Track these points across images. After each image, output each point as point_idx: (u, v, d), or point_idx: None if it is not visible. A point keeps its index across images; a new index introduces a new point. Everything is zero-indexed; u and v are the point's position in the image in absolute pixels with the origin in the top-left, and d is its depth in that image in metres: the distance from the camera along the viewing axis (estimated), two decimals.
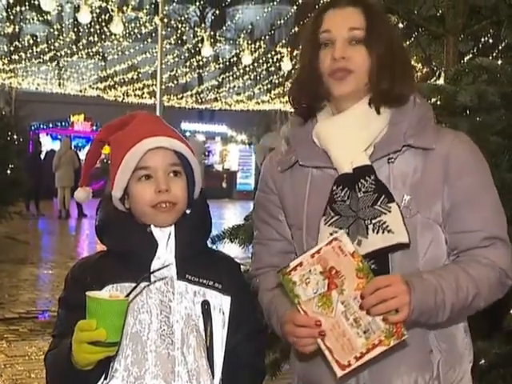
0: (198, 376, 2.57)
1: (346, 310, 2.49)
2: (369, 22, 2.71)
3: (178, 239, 2.63)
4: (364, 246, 2.62)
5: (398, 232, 2.62)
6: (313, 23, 2.80)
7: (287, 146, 2.88)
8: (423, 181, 2.69)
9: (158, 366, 2.54)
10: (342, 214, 2.66)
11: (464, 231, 2.71)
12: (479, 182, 2.77)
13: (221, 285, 2.67)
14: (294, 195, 2.81)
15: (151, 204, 2.59)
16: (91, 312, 2.31)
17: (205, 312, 2.62)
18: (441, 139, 2.73)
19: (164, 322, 2.57)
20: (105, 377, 2.53)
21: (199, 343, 2.59)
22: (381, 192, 2.64)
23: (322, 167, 2.75)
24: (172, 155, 2.62)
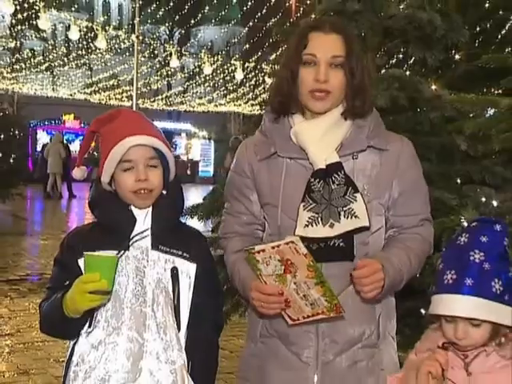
0: (165, 329, 2.56)
1: (297, 288, 2.56)
2: (348, 50, 2.73)
3: (153, 216, 2.62)
4: (336, 228, 2.67)
5: (363, 217, 2.69)
6: (298, 42, 2.76)
7: (263, 138, 2.85)
8: (378, 174, 2.77)
9: (133, 319, 2.53)
10: (318, 201, 2.68)
11: (407, 214, 2.82)
12: (419, 175, 2.90)
13: (188, 254, 2.65)
14: (269, 180, 2.80)
15: (132, 190, 2.58)
16: (92, 267, 2.38)
17: (173, 276, 2.60)
18: (391, 142, 2.82)
19: (138, 284, 2.55)
20: (89, 325, 2.53)
21: (167, 302, 2.58)
22: (349, 185, 2.70)
23: (297, 158, 2.75)
24: (150, 150, 2.60)
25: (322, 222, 2.66)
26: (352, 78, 2.73)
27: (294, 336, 2.73)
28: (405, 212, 2.82)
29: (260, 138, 2.88)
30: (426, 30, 4.62)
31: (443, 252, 2.51)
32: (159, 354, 2.53)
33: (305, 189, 2.71)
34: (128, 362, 2.50)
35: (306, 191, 2.70)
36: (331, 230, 2.66)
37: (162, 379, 2.53)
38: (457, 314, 2.34)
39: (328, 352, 2.72)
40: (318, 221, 2.67)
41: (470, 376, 2.35)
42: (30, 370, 6.50)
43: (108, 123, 2.66)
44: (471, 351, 2.37)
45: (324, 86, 2.70)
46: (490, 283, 2.33)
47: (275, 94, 2.84)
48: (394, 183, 2.80)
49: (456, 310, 2.34)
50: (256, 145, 2.87)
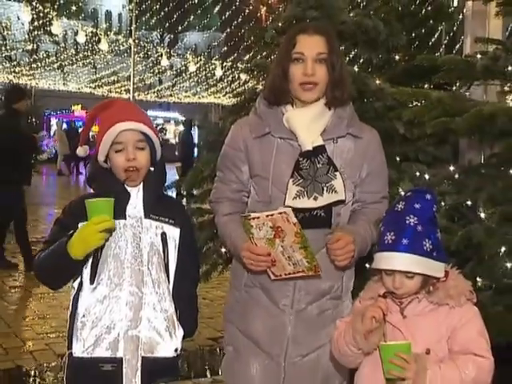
0: (159, 283, 2.55)
1: (283, 250, 2.58)
2: (329, 48, 2.73)
3: (144, 190, 2.59)
4: (319, 200, 2.68)
5: (341, 192, 2.71)
6: (288, 43, 2.77)
7: (258, 120, 2.82)
8: (352, 158, 2.78)
9: (132, 277, 2.51)
10: (305, 177, 2.68)
11: (371, 192, 2.86)
12: (383, 160, 2.93)
13: (174, 221, 2.63)
14: (261, 156, 2.77)
15: (123, 168, 2.55)
16: (96, 211, 2.39)
17: (163, 240, 2.59)
18: (364, 131, 2.85)
19: (136, 248, 2.54)
20: (92, 282, 2.50)
21: (159, 262, 2.57)
22: (331, 164, 2.70)
23: (287, 139, 2.74)
24: (138, 134, 2.56)
25: (308, 195, 2.67)
26: (333, 71, 2.73)
27: (275, 287, 2.73)
28: (369, 190, 2.85)
29: (255, 120, 2.84)
30: (371, 35, 4.61)
31: (384, 217, 2.51)
32: (155, 304, 2.53)
33: (294, 166, 2.70)
34: (130, 312, 2.49)
35: (295, 168, 2.69)
36: (315, 202, 2.67)
37: (158, 325, 2.53)
38: (395, 268, 2.35)
39: (301, 301, 2.75)
40: (304, 194, 2.67)
41: (405, 318, 2.37)
42: (46, 315, 6.50)
43: (104, 110, 2.62)
44: (406, 298, 2.38)
45: (312, 79, 2.70)
46: (422, 242, 2.34)
47: (270, 89, 2.81)
48: (363, 166, 2.81)
49: (394, 264, 2.35)
50: (251, 124, 2.83)
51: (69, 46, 39.28)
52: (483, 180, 3.64)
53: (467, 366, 2.26)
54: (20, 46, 36.21)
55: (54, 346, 5.54)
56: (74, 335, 2.51)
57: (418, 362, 2.25)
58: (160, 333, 2.53)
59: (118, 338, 2.48)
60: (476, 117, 3.48)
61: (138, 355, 2.49)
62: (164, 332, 2.54)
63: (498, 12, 4.26)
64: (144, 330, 2.50)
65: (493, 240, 3.18)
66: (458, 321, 2.32)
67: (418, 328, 2.33)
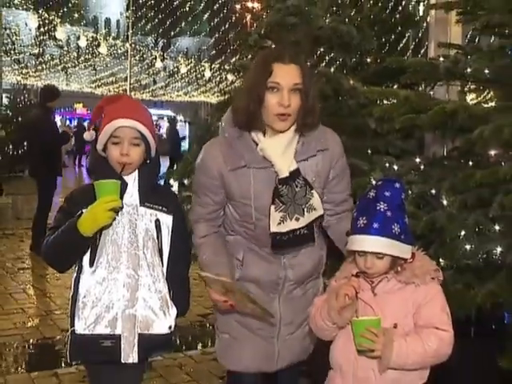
0: (153, 267, 2.52)
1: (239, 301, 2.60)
2: (304, 77, 2.54)
3: (140, 180, 2.55)
4: (301, 221, 2.60)
5: (319, 208, 2.64)
6: (263, 71, 2.53)
7: (230, 150, 2.61)
8: (321, 168, 2.68)
9: (129, 260, 2.48)
10: (285, 202, 2.57)
11: (339, 192, 2.78)
12: (345, 161, 2.80)
13: (166, 208, 2.59)
14: (239, 185, 2.62)
15: (117, 161, 2.51)
16: (105, 191, 2.38)
17: (157, 226, 2.55)
18: (328, 139, 2.70)
19: (132, 233, 2.50)
20: (91, 265, 2.47)
21: (154, 246, 2.54)
22: (307, 185, 2.60)
23: (262, 168, 2.59)
24: (134, 131, 2.50)
25: (290, 217, 2.58)
26: (306, 100, 2.55)
27: (264, 281, 2.71)
28: (337, 190, 2.77)
29: (227, 149, 2.62)
30: (345, 39, 4.62)
31: (357, 204, 2.50)
32: (150, 286, 2.50)
33: (273, 194, 2.57)
34: (127, 292, 2.47)
35: (275, 195, 2.57)
36: (297, 222, 2.59)
37: (153, 305, 2.50)
38: (367, 250, 2.34)
39: (289, 288, 2.75)
40: (286, 218, 2.58)
41: (375, 296, 2.36)
42: (51, 294, 6.47)
43: (111, 103, 2.57)
44: (376, 278, 2.37)
45: (287, 110, 2.51)
46: (391, 226, 2.32)
47: (242, 113, 2.57)
48: (330, 171, 2.72)
49: (366, 246, 2.33)
50: (224, 155, 2.61)
51: (71, 50, 39.07)
52: (445, 171, 3.64)
53: (430, 338, 2.26)
54: (27, 50, 36.00)
55: (59, 321, 5.50)
56: (75, 314, 2.49)
57: (386, 336, 2.25)
58: (155, 311, 2.51)
59: (117, 316, 2.46)
60: (439, 114, 3.48)
61: (135, 332, 2.47)
62: (159, 311, 2.52)
63: (458, 20, 4.30)
64: (140, 309, 2.48)
65: (454, 225, 3.19)
66: (423, 298, 2.31)
67: (387, 304, 2.32)
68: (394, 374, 2.29)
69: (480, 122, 3.41)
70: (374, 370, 2.30)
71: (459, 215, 3.25)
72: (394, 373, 2.28)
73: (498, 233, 3.13)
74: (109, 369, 2.50)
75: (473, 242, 3.10)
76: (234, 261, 2.74)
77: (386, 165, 3.80)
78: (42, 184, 8.35)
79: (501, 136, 3.22)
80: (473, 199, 3.29)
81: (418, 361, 2.27)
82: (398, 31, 8.00)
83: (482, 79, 3.80)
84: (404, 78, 4.10)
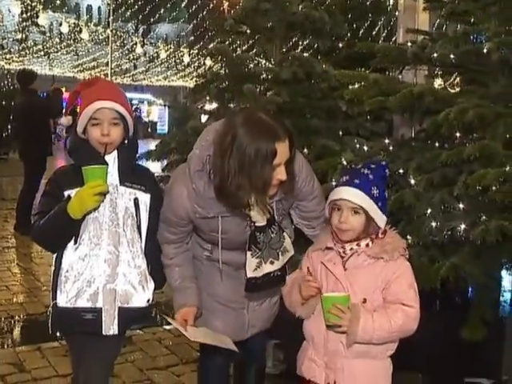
0: (133, 243, 2.52)
1: None
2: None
3: (119, 160, 2.53)
4: (276, 264, 2.54)
5: (290, 249, 2.60)
6: (270, 151, 2.28)
7: (200, 201, 2.47)
8: (289, 199, 2.62)
9: (110, 237, 2.48)
10: (261, 248, 2.50)
11: (312, 210, 2.74)
12: (313, 179, 2.71)
13: (144, 187, 2.58)
14: (207, 226, 2.54)
15: (98, 141, 2.49)
16: (92, 176, 2.38)
17: (136, 205, 2.55)
18: None
19: (112, 212, 2.50)
20: (75, 242, 2.47)
21: (133, 224, 2.53)
22: (280, 230, 2.54)
23: (233, 216, 2.48)
24: (113, 112, 2.49)
25: (264, 261, 2.52)
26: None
27: (233, 262, 2.65)
28: (309, 209, 2.73)
29: (195, 198, 2.48)
30: (317, 25, 4.60)
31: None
32: (130, 261, 2.51)
33: (249, 240, 2.49)
34: (108, 268, 2.47)
35: (252, 242, 2.49)
36: (272, 266, 2.54)
37: (132, 279, 2.52)
38: (344, 197, 2.33)
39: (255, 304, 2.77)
40: (261, 263, 2.52)
41: (346, 271, 2.36)
42: (35, 272, 6.43)
43: (87, 87, 2.55)
44: (347, 253, 2.37)
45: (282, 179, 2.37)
46: (371, 187, 2.33)
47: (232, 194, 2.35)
48: (298, 195, 2.65)
49: (345, 194, 2.33)
50: (193, 205, 2.49)
51: (54, 36, 38.58)
52: (413, 152, 3.66)
53: (396, 314, 2.27)
54: (11, 36, 35.51)
55: (43, 298, 5.46)
56: (57, 288, 2.50)
57: (353, 312, 2.26)
58: (134, 286, 2.52)
59: (98, 290, 2.47)
60: (406, 96, 3.50)
61: (115, 306, 2.49)
62: (138, 285, 2.53)
63: (425, 7, 4.32)
64: (120, 284, 2.49)
65: (420, 203, 3.21)
66: (391, 274, 2.32)
67: (356, 280, 2.33)
68: (362, 347, 2.31)
69: (446, 105, 3.43)
70: (342, 342, 2.32)
71: (426, 194, 3.27)
72: (362, 346, 2.31)
73: (462, 210, 3.16)
74: (90, 341, 2.51)
75: (438, 220, 3.13)
76: (202, 252, 2.70)
77: (357, 146, 3.81)
78: (32, 167, 8.30)
79: (465, 118, 3.24)
80: (439, 178, 3.31)
81: (383, 336, 2.29)
82: (371, 18, 8.01)
83: (448, 64, 3.82)
84: (374, 62, 4.11)
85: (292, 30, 4.78)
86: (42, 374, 4.00)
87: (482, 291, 3.09)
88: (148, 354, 4.37)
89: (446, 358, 3.33)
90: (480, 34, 3.92)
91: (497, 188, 2.97)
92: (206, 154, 2.44)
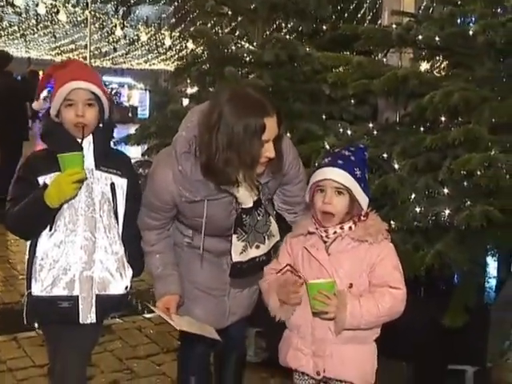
0: (109, 229, 2.50)
1: None
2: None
3: (95, 144, 2.50)
4: (261, 248, 2.54)
5: (276, 234, 2.60)
6: (258, 126, 2.25)
7: (186, 183, 2.43)
8: (275, 179, 2.59)
9: (86, 223, 2.46)
10: (247, 231, 2.49)
11: (296, 195, 2.72)
12: (298, 164, 2.71)
13: (121, 172, 2.56)
14: (191, 211, 2.50)
15: (72, 123, 2.45)
16: (69, 164, 2.35)
17: (112, 189, 2.52)
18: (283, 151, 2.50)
19: (88, 197, 2.47)
20: (50, 229, 2.44)
21: (110, 209, 2.51)
22: (266, 213, 2.54)
23: (220, 198, 2.46)
24: (88, 93, 2.45)
25: (250, 245, 2.52)
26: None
27: (214, 249, 2.65)
28: (293, 194, 2.73)
29: (181, 181, 2.44)
30: (300, 6, 4.59)
31: None
32: (107, 248, 2.49)
33: (235, 224, 2.48)
34: (85, 255, 2.45)
35: (238, 225, 2.48)
36: (257, 250, 2.53)
37: (109, 266, 2.50)
38: (328, 177, 2.32)
39: None
40: (247, 247, 2.52)
41: (329, 256, 2.35)
42: (11, 260, 6.38)
43: (60, 69, 2.52)
44: (330, 237, 2.36)
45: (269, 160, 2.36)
46: (353, 168, 2.33)
47: (218, 172, 2.33)
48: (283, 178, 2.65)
49: (329, 174, 2.32)
50: (179, 188, 2.45)
51: (30, 17, 38.11)
52: (397, 136, 3.68)
53: (383, 298, 2.28)
54: None
55: (19, 287, 5.40)
56: (32, 277, 2.47)
57: (339, 298, 2.26)
58: (111, 273, 2.51)
59: (74, 278, 2.44)
60: (391, 79, 3.50)
61: (93, 293, 2.47)
62: (115, 272, 2.51)
63: None
64: (97, 271, 2.47)
65: (404, 188, 3.22)
66: (376, 256, 2.33)
67: (341, 265, 2.33)
68: (350, 333, 2.31)
69: (431, 89, 3.43)
70: (331, 329, 2.32)
71: (410, 179, 3.29)
72: (350, 331, 2.31)
73: (447, 196, 3.18)
74: (66, 330, 2.49)
75: (422, 205, 3.14)
76: (183, 239, 2.68)
77: (340, 130, 3.81)
78: (8, 151, 8.26)
79: (450, 101, 3.24)
80: (423, 163, 3.33)
81: (372, 320, 2.30)
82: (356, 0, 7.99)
83: (433, 46, 3.82)
84: (358, 44, 4.10)
85: (275, 11, 4.77)
86: (18, 364, 3.98)
87: (467, 277, 3.11)
88: (128, 343, 4.36)
89: (431, 345, 3.36)
90: (466, 15, 3.92)
91: (482, 173, 2.98)
92: (192, 135, 2.41)
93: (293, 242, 2.49)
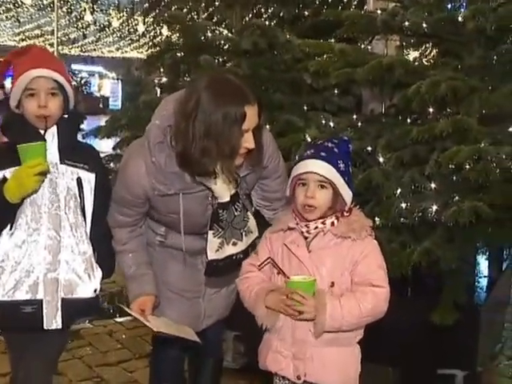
0: (76, 227, 2.48)
1: None
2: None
3: (59, 136, 2.48)
4: (239, 245, 2.56)
5: (255, 230, 2.61)
6: (238, 115, 2.26)
7: (160, 176, 2.42)
8: (254, 174, 2.60)
9: (50, 222, 2.43)
10: (224, 227, 2.50)
11: (276, 190, 2.74)
12: (279, 156, 2.73)
13: (88, 166, 2.54)
14: (166, 206, 2.50)
15: (34, 114, 2.43)
16: (30, 155, 2.33)
17: (79, 184, 2.50)
18: None
19: (53, 193, 2.45)
20: (10, 228, 2.42)
21: (76, 206, 2.49)
22: (244, 208, 2.55)
23: (195, 192, 2.46)
24: (51, 81, 2.43)
25: (227, 242, 2.53)
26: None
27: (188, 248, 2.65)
28: (272, 189, 2.74)
29: (155, 173, 2.43)
30: None
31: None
32: (73, 247, 2.47)
33: (212, 219, 2.49)
34: (49, 255, 2.43)
35: (214, 220, 2.48)
36: (235, 247, 2.55)
37: (76, 267, 2.48)
38: (311, 170, 2.33)
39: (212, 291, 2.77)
40: (224, 243, 2.53)
41: (310, 253, 2.36)
42: None
43: (20, 56, 2.50)
44: (311, 233, 2.37)
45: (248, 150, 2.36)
46: (337, 160, 2.34)
47: (203, 155, 2.30)
48: (263, 172, 2.66)
49: (311, 167, 2.33)
50: (152, 180, 2.44)
51: None
52: (383, 128, 3.71)
53: (366, 297, 2.29)
54: None
55: None
56: None
57: (318, 299, 2.26)
58: (79, 274, 2.49)
59: (38, 280, 2.43)
60: (376, 68, 3.53)
61: (58, 297, 2.45)
62: (83, 274, 2.50)
63: None
64: (63, 273, 2.45)
65: (389, 182, 3.26)
66: (359, 254, 2.34)
67: (322, 262, 2.34)
68: (331, 335, 2.32)
69: (418, 78, 3.47)
70: (311, 330, 2.33)
71: (395, 173, 3.32)
72: (331, 333, 2.32)
73: (434, 191, 3.22)
74: (30, 337, 2.48)
75: (409, 200, 3.18)
76: (155, 237, 2.70)
77: (322, 122, 3.84)
78: None
79: (438, 91, 3.28)
80: (409, 156, 3.36)
81: (354, 322, 2.30)
82: None
83: (420, 33, 3.86)
84: (341, 31, 4.12)
85: None
86: None
87: (455, 276, 3.15)
88: (98, 349, 4.36)
89: (418, 348, 3.40)
90: (455, 0, 3.96)
91: (470, 166, 3.02)
92: (166, 125, 2.41)
93: (272, 237, 2.49)
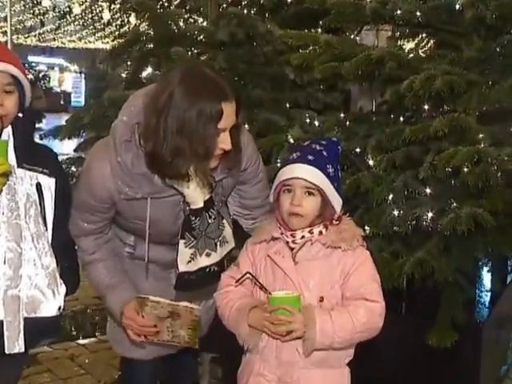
0: (38, 238, 2.45)
1: (170, 326, 2.57)
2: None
3: (15, 137, 2.45)
4: (213, 257, 2.56)
5: (230, 240, 2.62)
6: (214, 112, 2.24)
7: (126, 177, 2.41)
8: (231, 179, 2.62)
9: (10, 232, 2.40)
10: (197, 237, 2.49)
11: (255, 197, 2.77)
12: (258, 159, 2.74)
13: (47, 170, 2.51)
14: (132, 211, 2.50)
15: None
16: None
17: (38, 191, 2.47)
18: None
19: (11, 200, 2.41)
20: None
21: (37, 214, 2.46)
22: (219, 216, 2.54)
23: (164, 197, 2.45)
24: (6, 76, 2.40)
25: (199, 252, 2.52)
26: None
27: (161, 261, 2.67)
28: (250, 196, 2.76)
29: (120, 175, 2.42)
30: None
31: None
32: (35, 260, 2.44)
33: (183, 227, 2.49)
34: (10, 270, 2.39)
35: (186, 229, 2.49)
36: (208, 258, 2.54)
37: (39, 283, 2.44)
38: (298, 175, 2.33)
39: None
40: (196, 255, 2.52)
41: (296, 265, 2.35)
42: None
43: None
44: (297, 243, 2.36)
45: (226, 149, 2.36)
46: (326, 165, 2.34)
47: (175, 155, 2.29)
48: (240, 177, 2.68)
49: (298, 172, 2.33)
50: (117, 183, 2.44)
51: None
52: (373, 127, 3.72)
53: (358, 312, 2.29)
54: None
55: None
56: None
57: (306, 314, 2.26)
58: (42, 291, 2.46)
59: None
60: (364, 61, 3.53)
61: (20, 316, 2.41)
62: (46, 289, 2.46)
63: None
64: (25, 289, 2.42)
65: (380, 187, 3.25)
66: (350, 266, 2.34)
67: (310, 275, 2.34)
68: (321, 355, 2.32)
69: (411, 72, 3.47)
70: (299, 350, 2.32)
71: (386, 177, 3.32)
72: (320, 353, 2.31)
73: (429, 196, 3.22)
74: None
75: (401, 207, 3.18)
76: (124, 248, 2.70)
77: (307, 120, 3.84)
78: None
79: (433, 87, 3.29)
80: (401, 159, 3.36)
81: (346, 338, 2.29)
82: None
83: (414, 23, 3.87)
84: (326, 20, 4.12)
85: None
86: None
87: (453, 290, 3.16)
88: (57, 376, 4.32)
89: (414, 371, 3.40)
90: None
91: (469, 169, 3.02)
92: (135, 122, 2.40)
93: (255, 248, 2.48)
